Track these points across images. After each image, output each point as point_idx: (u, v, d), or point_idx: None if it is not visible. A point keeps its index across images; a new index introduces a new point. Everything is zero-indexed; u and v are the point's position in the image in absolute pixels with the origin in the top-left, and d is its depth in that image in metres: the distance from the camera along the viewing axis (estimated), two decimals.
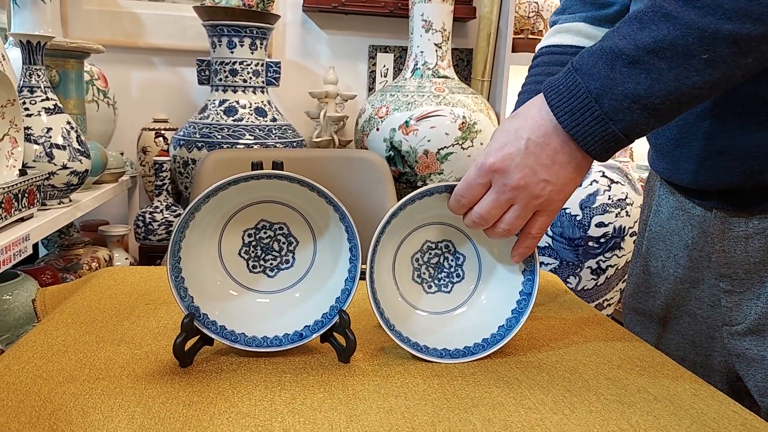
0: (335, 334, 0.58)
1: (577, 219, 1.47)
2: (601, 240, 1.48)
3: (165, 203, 1.66)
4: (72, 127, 1.11)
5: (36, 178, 0.99)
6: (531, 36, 1.88)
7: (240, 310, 0.59)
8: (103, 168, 1.34)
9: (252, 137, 1.55)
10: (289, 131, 1.64)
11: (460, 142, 1.58)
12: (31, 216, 1.01)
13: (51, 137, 1.06)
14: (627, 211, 1.50)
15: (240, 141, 1.54)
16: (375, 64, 2.00)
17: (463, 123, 1.58)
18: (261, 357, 0.57)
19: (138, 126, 1.84)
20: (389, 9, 1.86)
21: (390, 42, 2.00)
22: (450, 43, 1.68)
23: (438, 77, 1.65)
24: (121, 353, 0.56)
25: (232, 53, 1.59)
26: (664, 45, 0.47)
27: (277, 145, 1.57)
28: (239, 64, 1.60)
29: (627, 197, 1.50)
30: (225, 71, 1.60)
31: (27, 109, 1.05)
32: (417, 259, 0.63)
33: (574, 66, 0.52)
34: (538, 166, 0.53)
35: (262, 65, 1.64)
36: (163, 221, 1.63)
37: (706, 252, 0.68)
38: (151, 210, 1.64)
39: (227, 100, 1.60)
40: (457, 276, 0.64)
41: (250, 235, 0.60)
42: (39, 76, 1.07)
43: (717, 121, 0.60)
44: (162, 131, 1.79)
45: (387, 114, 1.61)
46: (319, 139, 1.80)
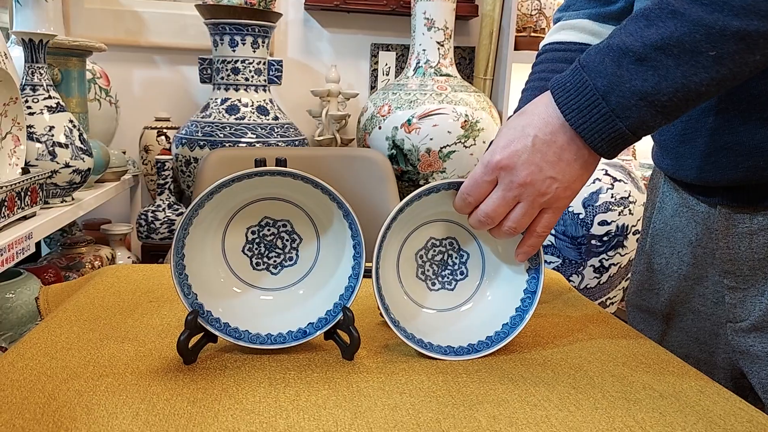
0: (339, 331, 0.58)
1: (580, 217, 1.47)
2: (604, 238, 1.48)
3: (167, 202, 1.66)
4: (74, 126, 1.11)
5: (38, 176, 0.99)
6: (533, 34, 1.88)
7: (244, 307, 0.59)
8: (106, 166, 1.34)
9: (254, 136, 1.55)
10: (291, 130, 1.64)
11: (462, 140, 1.58)
12: (34, 214, 1.01)
13: (53, 136, 1.06)
14: (630, 210, 1.49)
15: (242, 139, 1.54)
16: (377, 62, 2.00)
17: (466, 121, 1.58)
18: (265, 354, 0.57)
19: (140, 124, 1.84)
20: (391, 7, 1.86)
21: (392, 40, 2.00)
22: (452, 41, 1.67)
23: (440, 75, 1.64)
24: (125, 350, 0.56)
25: (234, 51, 1.59)
26: (671, 42, 0.47)
27: (279, 144, 1.57)
28: (241, 62, 1.60)
29: (630, 195, 1.50)
30: (227, 70, 1.60)
31: (29, 108, 1.05)
32: (421, 256, 0.63)
33: (581, 63, 0.52)
34: (544, 163, 0.53)
35: (264, 64, 1.63)
36: (165, 220, 1.63)
37: (710, 249, 0.68)
38: (153, 209, 1.64)
39: (229, 98, 1.60)
40: (461, 274, 0.64)
41: (253, 233, 0.60)
42: (41, 74, 1.07)
43: (722, 117, 0.60)
44: (164, 130, 1.79)
45: (389, 112, 1.61)
46: (321, 138, 1.80)
